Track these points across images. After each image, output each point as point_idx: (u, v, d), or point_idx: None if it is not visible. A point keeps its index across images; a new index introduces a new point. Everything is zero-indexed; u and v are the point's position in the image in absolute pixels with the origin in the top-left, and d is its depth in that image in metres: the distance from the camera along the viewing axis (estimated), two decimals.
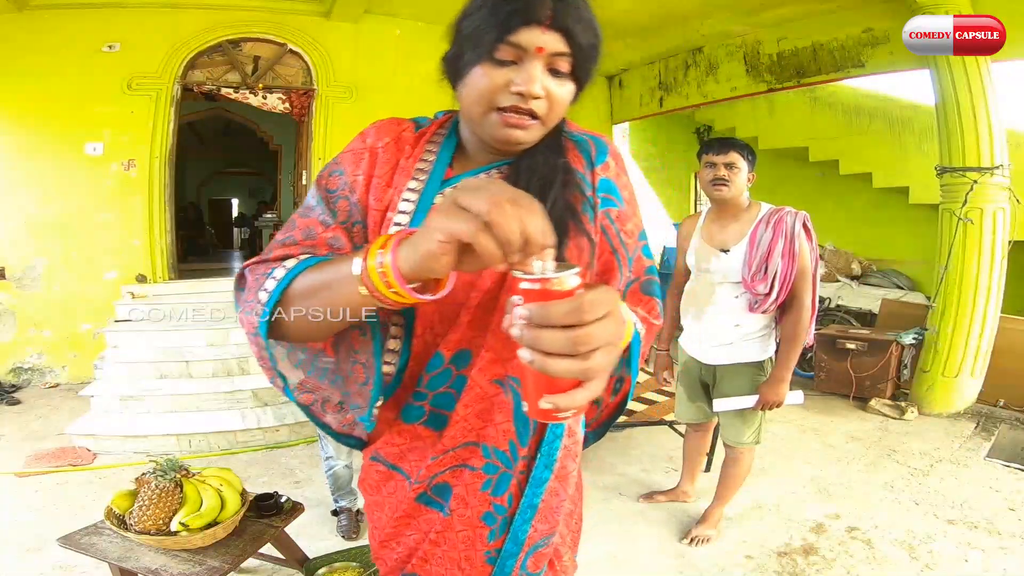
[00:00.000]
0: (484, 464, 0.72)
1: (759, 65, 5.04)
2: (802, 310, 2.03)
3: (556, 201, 0.70)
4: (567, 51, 0.65)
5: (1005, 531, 2.31)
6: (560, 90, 0.67)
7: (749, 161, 2.08)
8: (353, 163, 0.74)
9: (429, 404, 0.72)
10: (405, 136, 0.76)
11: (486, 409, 0.71)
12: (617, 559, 2.16)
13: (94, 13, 4.47)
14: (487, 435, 0.71)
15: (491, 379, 0.70)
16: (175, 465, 1.65)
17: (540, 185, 0.70)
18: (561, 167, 0.73)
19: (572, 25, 0.64)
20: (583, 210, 0.73)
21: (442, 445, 0.72)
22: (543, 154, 0.73)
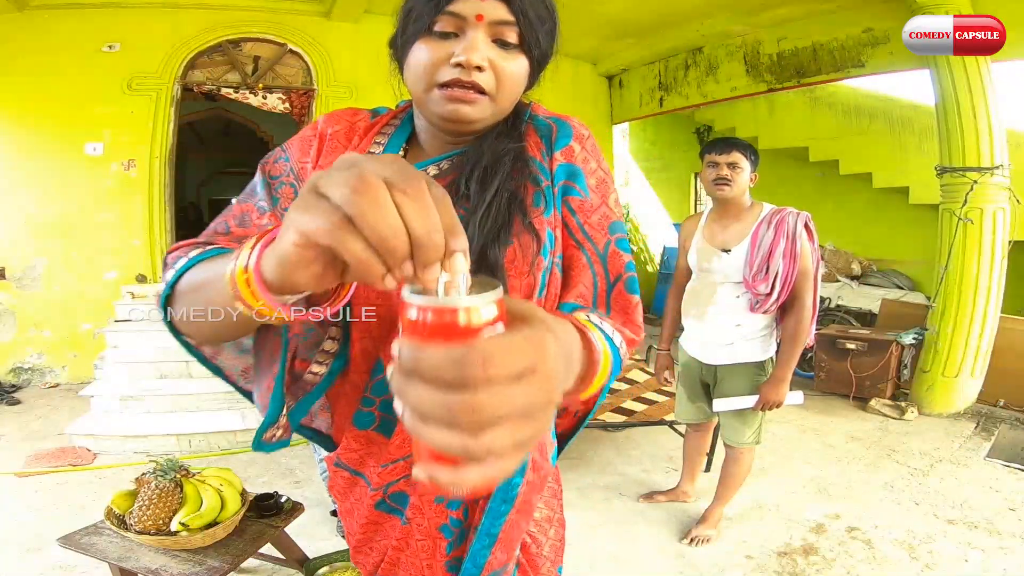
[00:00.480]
0: None
1: (759, 65, 5.04)
2: (803, 310, 2.03)
3: (499, 190, 0.63)
4: (511, 19, 0.60)
5: (1005, 531, 2.31)
6: (508, 63, 0.62)
7: (752, 161, 2.09)
8: (301, 149, 0.70)
9: (378, 410, 0.67)
10: (358, 125, 0.72)
11: None
12: (617, 559, 2.16)
13: (94, 13, 4.47)
14: None
15: None
16: (175, 465, 1.65)
17: (483, 172, 0.63)
18: (511, 151, 0.66)
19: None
20: (535, 202, 0.65)
21: (389, 453, 0.67)
22: (494, 139, 0.67)
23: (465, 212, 0.62)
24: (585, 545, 2.22)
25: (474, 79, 0.60)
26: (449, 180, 0.66)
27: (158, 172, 4.65)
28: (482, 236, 0.61)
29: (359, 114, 0.74)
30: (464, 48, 0.59)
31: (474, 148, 0.66)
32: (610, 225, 0.70)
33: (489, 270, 0.60)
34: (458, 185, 0.64)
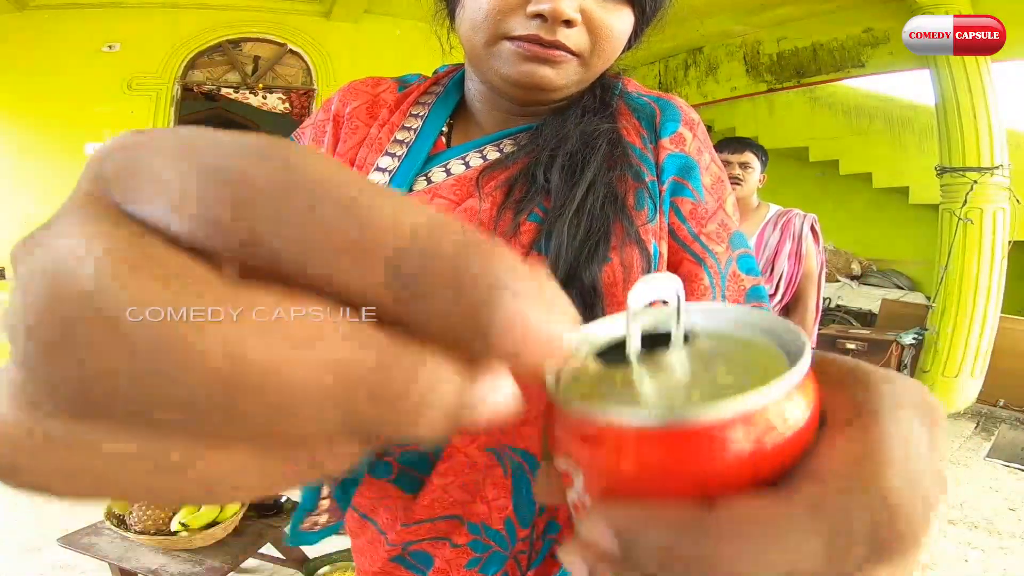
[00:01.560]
0: (470, 540, 0.56)
1: (759, 65, 5.04)
2: (806, 312, 2.03)
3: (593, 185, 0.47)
4: None
5: (1005, 531, 2.31)
6: (609, 16, 0.46)
7: (762, 162, 2.10)
8: (314, 138, 0.58)
9: (396, 461, 0.57)
10: (383, 97, 0.57)
11: (475, 482, 0.52)
12: None
13: (94, 13, 4.47)
14: (475, 511, 0.53)
15: (482, 447, 0.52)
16: None
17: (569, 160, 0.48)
18: (604, 133, 0.49)
19: None
20: (637, 204, 0.49)
21: (416, 514, 0.56)
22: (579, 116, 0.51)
23: (544, 214, 0.47)
24: None
25: (558, 38, 0.45)
26: (518, 168, 0.50)
27: None
28: (572, 250, 0.45)
29: (382, 83, 0.59)
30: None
31: (553, 126, 0.50)
32: (731, 237, 0.51)
33: (582, 297, 0.44)
34: (534, 175, 0.48)
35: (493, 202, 0.48)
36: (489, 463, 0.52)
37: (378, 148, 0.53)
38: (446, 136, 0.55)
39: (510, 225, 0.47)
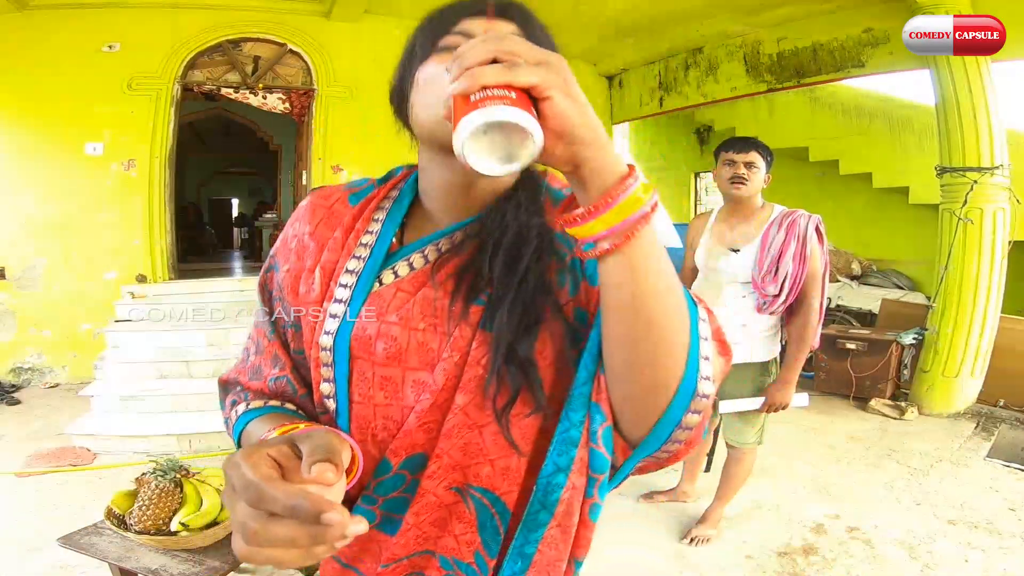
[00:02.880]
0: (445, 575, 0.60)
1: (759, 65, 5.04)
2: (811, 313, 2.03)
3: (526, 275, 0.56)
4: (521, 34, 0.56)
5: (1005, 531, 2.31)
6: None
7: (767, 162, 2.09)
8: (284, 257, 0.66)
9: (380, 509, 0.61)
10: (336, 210, 0.65)
11: (442, 519, 0.58)
12: (617, 559, 2.16)
13: (94, 13, 4.48)
14: (445, 546, 0.59)
15: (448, 486, 0.58)
16: (175, 465, 1.65)
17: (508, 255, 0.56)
18: (535, 227, 0.58)
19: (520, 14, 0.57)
20: (559, 281, 0.58)
21: (392, 553, 0.60)
22: (513, 208, 0.59)
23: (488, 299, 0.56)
24: None
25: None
26: (467, 257, 0.59)
27: (158, 172, 4.65)
28: (510, 330, 0.54)
29: (333, 195, 0.67)
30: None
31: (493, 219, 0.59)
32: None
33: (519, 367, 0.54)
34: (480, 267, 0.57)
35: (445, 291, 0.58)
36: (452, 500, 0.58)
37: (347, 252, 0.62)
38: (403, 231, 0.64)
39: (462, 309, 0.57)
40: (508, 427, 0.55)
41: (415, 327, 0.58)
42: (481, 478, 0.57)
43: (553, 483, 0.55)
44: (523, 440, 0.57)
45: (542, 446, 0.56)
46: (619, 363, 0.50)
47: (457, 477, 0.58)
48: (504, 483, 0.58)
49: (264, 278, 0.69)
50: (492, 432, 0.56)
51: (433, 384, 0.57)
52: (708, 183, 7.65)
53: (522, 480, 0.58)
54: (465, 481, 0.58)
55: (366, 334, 0.59)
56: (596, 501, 0.59)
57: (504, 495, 0.58)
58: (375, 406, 0.59)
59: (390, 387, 0.59)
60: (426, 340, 0.58)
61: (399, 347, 0.58)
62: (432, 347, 0.58)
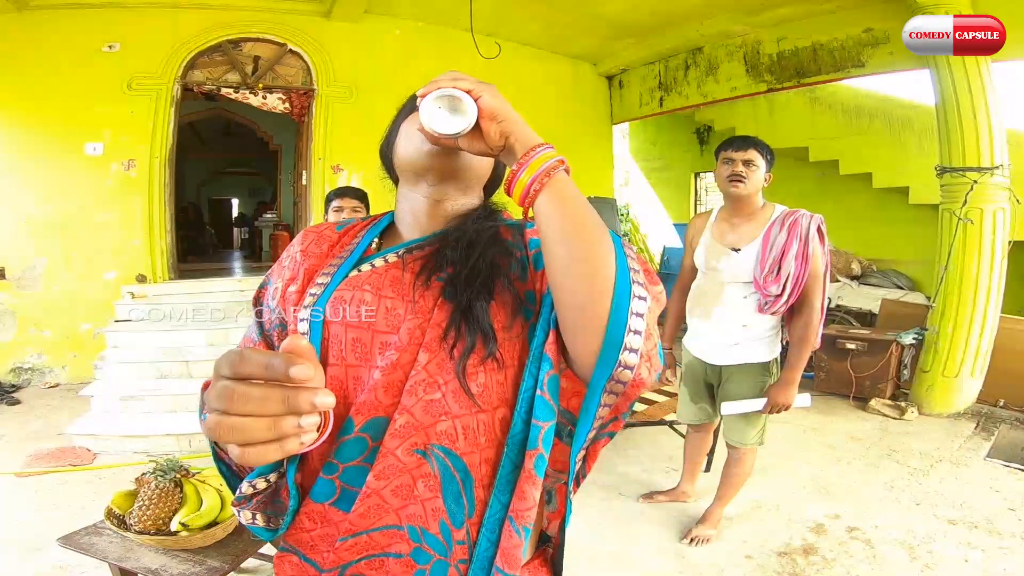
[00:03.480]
0: (412, 549, 0.61)
1: (759, 65, 5.05)
2: (813, 313, 2.02)
3: (480, 256, 0.66)
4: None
5: (1005, 531, 2.31)
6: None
7: (767, 160, 2.07)
8: (279, 273, 0.75)
9: (339, 479, 0.62)
10: (325, 234, 0.76)
11: (406, 484, 0.60)
12: (617, 559, 2.16)
13: (94, 13, 4.47)
14: (411, 514, 0.60)
15: (410, 448, 0.60)
16: (175, 465, 1.65)
17: (466, 244, 0.67)
18: (490, 229, 0.69)
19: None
20: (511, 268, 0.67)
21: (352, 525, 0.60)
22: (474, 220, 0.70)
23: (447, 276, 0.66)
24: (585, 544, 2.22)
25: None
26: (432, 251, 0.70)
27: (158, 172, 4.65)
28: (466, 293, 0.63)
29: (323, 227, 0.79)
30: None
31: (458, 226, 0.70)
32: None
33: (476, 322, 0.62)
34: (443, 253, 0.68)
35: (411, 271, 0.68)
36: (416, 464, 0.61)
37: (326, 261, 0.73)
38: (377, 245, 0.74)
39: (424, 281, 0.66)
40: (465, 376, 0.61)
41: (384, 295, 0.66)
42: (442, 436, 0.61)
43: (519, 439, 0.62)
44: (481, 399, 0.62)
45: (500, 410, 0.62)
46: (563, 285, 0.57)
47: (419, 438, 0.60)
48: (464, 443, 0.61)
49: (258, 293, 0.77)
50: (453, 390, 0.61)
51: (398, 342, 0.62)
52: (708, 183, 7.65)
53: (480, 443, 0.61)
54: (427, 441, 0.60)
55: (342, 302, 0.66)
56: (540, 452, 0.60)
57: (464, 455, 0.61)
58: (347, 367, 0.64)
59: (360, 348, 0.64)
60: (394, 306, 0.65)
61: (369, 310, 0.65)
62: (399, 312, 0.65)
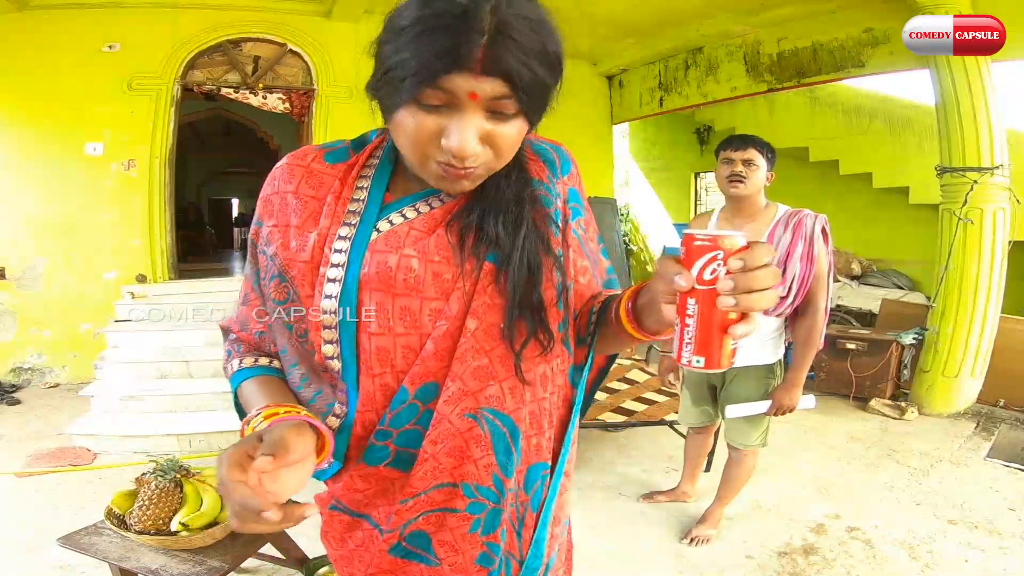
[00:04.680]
0: (468, 504, 0.65)
1: (759, 65, 5.04)
2: (817, 314, 2.00)
3: (528, 236, 0.64)
4: (510, 94, 0.54)
5: (1005, 531, 2.31)
6: (507, 130, 0.57)
7: (768, 160, 2.04)
8: (267, 214, 0.68)
9: (394, 443, 0.65)
10: (315, 168, 0.68)
11: (459, 446, 0.63)
12: (617, 559, 2.16)
13: (94, 13, 4.47)
14: (466, 473, 0.64)
15: (462, 413, 0.63)
16: (175, 465, 1.65)
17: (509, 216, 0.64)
18: (527, 198, 0.66)
19: (511, 65, 0.52)
20: (554, 233, 0.68)
21: (412, 487, 0.64)
22: (504, 180, 0.64)
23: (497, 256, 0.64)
24: (585, 545, 2.22)
25: (467, 165, 0.57)
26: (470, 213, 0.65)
27: (158, 172, 4.65)
28: (522, 283, 0.63)
29: (308, 154, 0.69)
30: (457, 139, 0.54)
31: (490, 187, 0.64)
32: (598, 235, 0.79)
33: (533, 310, 0.63)
34: (482, 226, 0.64)
35: (454, 233, 0.65)
36: (467, 427, 0.64)
37: (338, 220, 0.66)
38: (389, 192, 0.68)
39: (474, 267, 0.63)
40: (521, 364, 0.64)
41: (431, 259, 0.63)
42: (491, 400, 0.64)
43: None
44: (525, 366, 0.65)
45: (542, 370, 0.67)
46: None
47: (470, 403, 0.63)
48: (512, 401, 0.65)
49: (252, 232, 0.71)
50: (499, 355, 0.64)
51: (448, 311, 0.63)
52: (708, 183, 7.65)
53: (525, 399, 0.66)
54: (478, 405, 0.63)
55: (386, 268, 0.63)
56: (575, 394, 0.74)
57: (512, 413, 0.65)
58: (395, 336, 0.63)
59: (409, 317, 0.63)
60: (440, 271, 0.63)
61: (417, 277, 0.63)
62: (446, 277, 0.63)
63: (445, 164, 0.57)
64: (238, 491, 0.49)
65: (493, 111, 0.56)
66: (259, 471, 0.50)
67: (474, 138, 0.55)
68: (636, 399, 3.12)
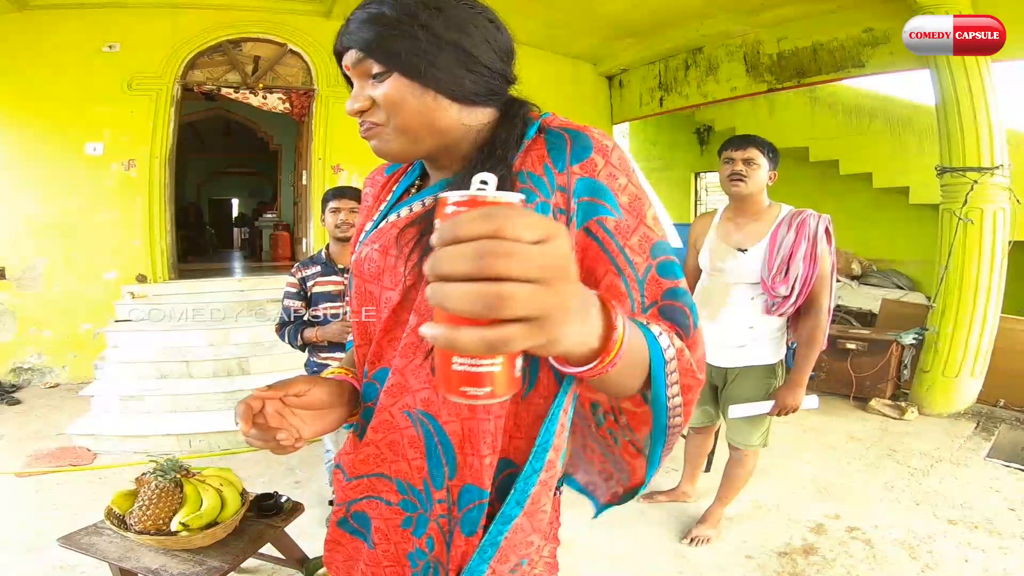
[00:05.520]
0: (400, 500, 0.66)
1: (759, 65, 5.05)
2: (821, 314, 2.00)
3: None
4: (363, 56, 0.62)
5: (1005, 531, 2.31)
6: (384, 89, 0.62)
7: (770, 159, 2.04)
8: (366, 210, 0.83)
9: (361, 418, 0.71)
10: (376, 179, 0.82)
11: (395, 441, 0.65)
12: (617, 559, 2.16)
13: (94, 13, 4.48)
14: (400, 470, 0.66)
15: (401, 409, 0.64)
16: (175, 465, 1.65)
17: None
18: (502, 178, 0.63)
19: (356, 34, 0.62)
20: None
21: (357, 468, 0.69)
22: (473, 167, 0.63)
23: None
24: (585, 544, 2.22)
25: (365, 120, 0.65)
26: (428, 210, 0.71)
27: (158, 172, 4.66)
28: None
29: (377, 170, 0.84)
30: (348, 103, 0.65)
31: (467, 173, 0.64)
32: (652, 247, 0.62)
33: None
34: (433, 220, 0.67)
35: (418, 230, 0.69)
36: (405, 424, 0.65)
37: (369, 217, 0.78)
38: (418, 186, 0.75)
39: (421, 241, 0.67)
40: None
41: (390, 252, 0.68)
42: (427, 403, 0.63)
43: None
44: None
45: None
46: None
47: (408, 401, 0.64)
48: (445, 412, 0.62)
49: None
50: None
51: (390, 300, 0.66)
52: (708, 183, 7.66)
53: (463, 414, 0.62)
54: (414, 405, 0.64)
55: (361, 257, 0.71)
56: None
57: (445, 424, 0.62)
58: (367, 318, 0.71)
59: (371, 301, 0.70)
60: (396, 264, 0.66)
61: (378, 268, 0.69)
62: (400, 271, 0.66)
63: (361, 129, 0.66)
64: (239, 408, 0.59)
65: (367, 75, 0.63)
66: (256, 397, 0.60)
67: (356, 95, 0.64)
68: None
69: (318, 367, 2.24)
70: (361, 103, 0.63)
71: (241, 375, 3.64)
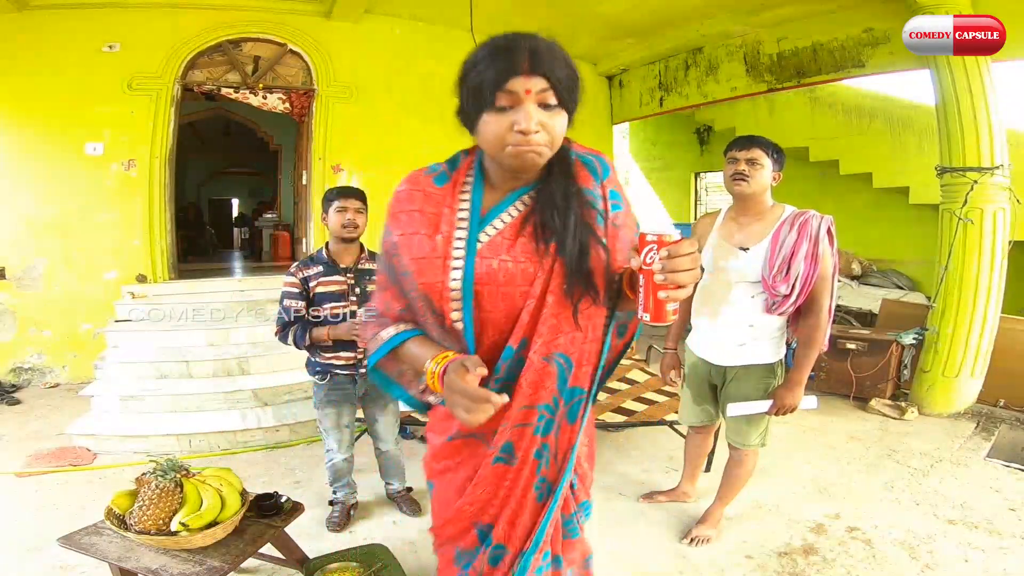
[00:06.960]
0: (537, 415, 0.95)
1: (759, 65, 5.05)
2: (821, 314, 2.00)
3: (576, 223, 0.92)
4: (548, 87, 0.83)
5: (1005, 531, 2.31)
6: (554, 120, 0.85)
7: (775, 160, 2.05)
8: (396, 227, 0.97)
9: (497, 381, 0.93)
10: (430, 192, 0.97)
11: (538, 380, 0.93)
12: (617, 558, 2.16)
13: (94, 13, 4.47)
14: (539, 398, 0.94)
15: (542, 356, 0.92)
16: (175, 465, 1.65)
17: (561, 211, 0.92)
18: (574, 194, 0.94)
19: (547, 65, 0.83)
20: (598, 223, 0.95)
21: (507, 416, 0.93)
22: (557, 182, 0.94)
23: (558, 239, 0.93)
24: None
25: (532, 139, 0.84)
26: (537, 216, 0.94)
27: (158, 172, 4.65)
28: (575, 256, 0.92)
29: (421, 181, 0.98)
30: (523, 119, 0.83)
31: (545, 188, 0.95)
32: (636, 223, 1.02)
33: (585, 276, 0.92)
34: (544, 219, 0.93)
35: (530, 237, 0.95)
36: (545, 366, 0.94)
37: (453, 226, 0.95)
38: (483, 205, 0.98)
39: (545, 248, 0.93)
40: (577, 314, 0.93)
41: (519, 261, 0.94)
42: (560, 346, 0.94)
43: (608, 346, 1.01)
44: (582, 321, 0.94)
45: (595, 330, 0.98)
46: None
47: (548, 350, 0.93)
48: (572, 348, 0.95)
49: (385, 242, 1.00)
50: (565, 317, 0.93)
51: (533, 292, 0.93)
52: (708, 183, 7.66)
53: (580, 347, 0.96)
54: (552, 351, 0.93)
55: (492, 269, 0.93)
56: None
57: (571, 355, 0.95)
58: (499, 312, 0.94)
59: (508, 299, 0.94)
60: (526, 268, 0.93)
61: (511, 274, 0.93)
62: (530, 272, 0.93)
63: (515, 144, 0.85)
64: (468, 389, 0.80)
65: (542, 103, 0.84)
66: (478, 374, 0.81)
67: (533, 116, 0.83)
68: (636, 399, 3.12)
69: (321, 367, 2.24)
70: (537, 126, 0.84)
71: (241, 375, 3.64)
